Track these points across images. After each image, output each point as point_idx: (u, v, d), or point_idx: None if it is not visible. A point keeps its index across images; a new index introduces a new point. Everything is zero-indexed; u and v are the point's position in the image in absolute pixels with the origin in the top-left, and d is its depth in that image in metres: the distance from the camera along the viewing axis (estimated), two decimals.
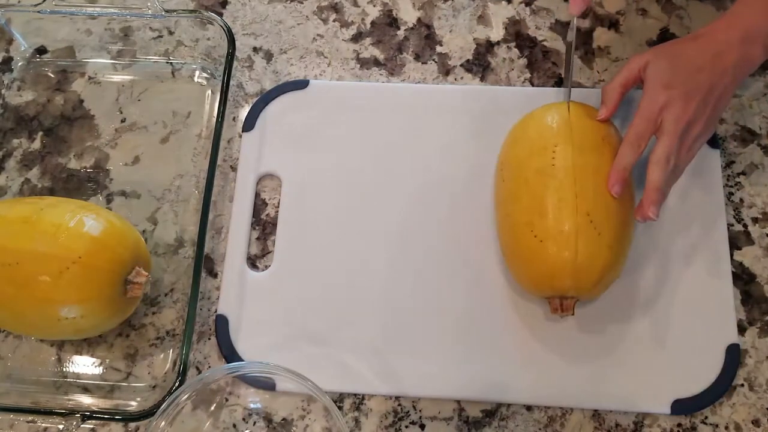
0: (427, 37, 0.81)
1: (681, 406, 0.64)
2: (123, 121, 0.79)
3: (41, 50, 0.84)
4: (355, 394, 0.66)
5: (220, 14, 0.84)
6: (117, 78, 0.82)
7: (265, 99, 0.78)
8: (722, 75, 0.60)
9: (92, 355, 0.69)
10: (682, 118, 0.59)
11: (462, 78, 0.79)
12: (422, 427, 0.65)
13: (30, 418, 0.66)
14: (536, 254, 0.61)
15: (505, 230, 0.66)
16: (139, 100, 0.80)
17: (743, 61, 0.61)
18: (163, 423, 0.61)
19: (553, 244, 0.60)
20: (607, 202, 0.61)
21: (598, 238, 0.60)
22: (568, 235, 0.59)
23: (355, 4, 0.84)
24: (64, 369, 0.69)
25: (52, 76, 0.83)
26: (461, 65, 0.80)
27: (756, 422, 0.64)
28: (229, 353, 0.68)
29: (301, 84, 0.79)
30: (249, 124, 0.77)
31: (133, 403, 0.66)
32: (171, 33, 0.84)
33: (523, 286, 0.66)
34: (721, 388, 0.64)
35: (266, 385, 0.66)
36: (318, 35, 0.82)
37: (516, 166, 0.65)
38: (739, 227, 0.71)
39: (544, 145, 0.63)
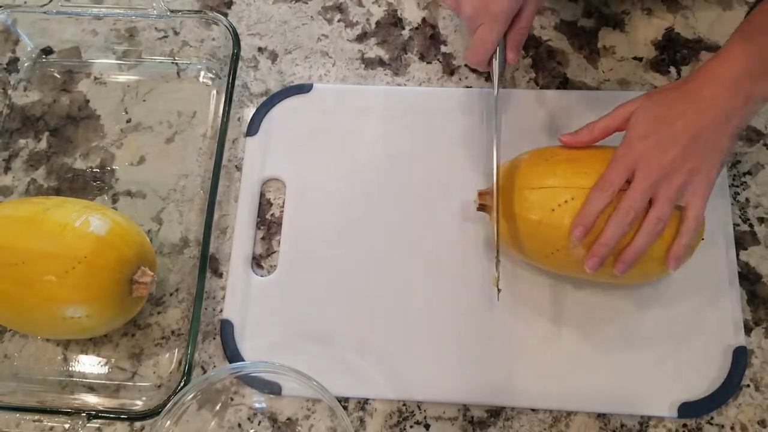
0: (431, 37, 0.81)
1: (688, 410, 0.63)
2: (128, 121, 0.80)
3: (47, 51, 0.84)
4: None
5: (225, 14, 0.84)
6: (122, 78, 0.82)
7: (268, 104, 0.78)
8: (712, 120, 0.57)
9: (98, 355, 0.69)
10: (652, 171, 0.56)
11: (467, 78, 0.79)
12: (427, 427, 0.65)
13: (36, 418, 0.66)
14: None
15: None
16: (144, 101, 0.81)
17: (737, 100, 0.57)
18: (168, 422, 0.61)
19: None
20: None
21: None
22: None
23: (360, 5, 0.84)
24: (70, 368, 0.69)
25: (58, 76, 0.83)
26: (466, 65, 0.80)
27: (762, 423, 0.64)
28: (234, 357, 0.68)
29: (305, 88, 0.79)
30: (252, 129, 0.77)
31: (139, 402, 0.66)
32: (176, 33, 0.84)
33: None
34: (728, 391, 0.64)
35: (272, 389, 0.66)
36: (323, 35, 0.83)
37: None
38: (744, 227, 0.71)
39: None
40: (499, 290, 0.64)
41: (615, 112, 0.61)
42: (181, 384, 0.63)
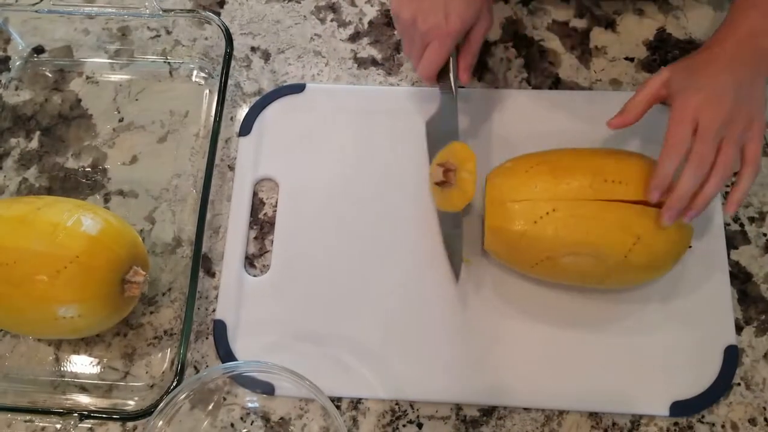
0: None
1: (679, 408, 0.64)
2: (121, 120, 0.79)
3: (39, 50, 0.84)
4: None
5: (218, 14, 0.84)
6: (115, 77, 0.82)
7: (261, 103, 0.78)
8: (744, 72, 0.61)
9: (90, 355, 0.69)
10: (716, 118, 0.58)
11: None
12: (420, 426, 0.65)
13: (27, 418, 0.66)
14: None
15: None
16: (136, 100, 0.80)
17: (758, 57, 0.61)
18: (160, 422, 0.61)
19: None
20: None
21: None
22: None
23: (353, 4, 0.84)
24: (62, 368, 0.69)
25: (50, 75, 0.83)
26: None
27: (752, 421, 0.64)
28: (227, 357, 0.68)
29: (298, 88, 0.79)
30: (246, 129, 0.77)
31: (131, 402, 0.66)
32: (169, 32, 0.84)
33: None
34: (720, 389, 0.64)
35: (265, 389, 0.66)
36: (316, 35, 0.82)
37: None
38: (735, 227, 0.71)
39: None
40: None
41: (649, 83, 0.63)
42: (174, 384, 0.63)
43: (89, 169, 0.77)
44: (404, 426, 0.65)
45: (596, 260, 0.61)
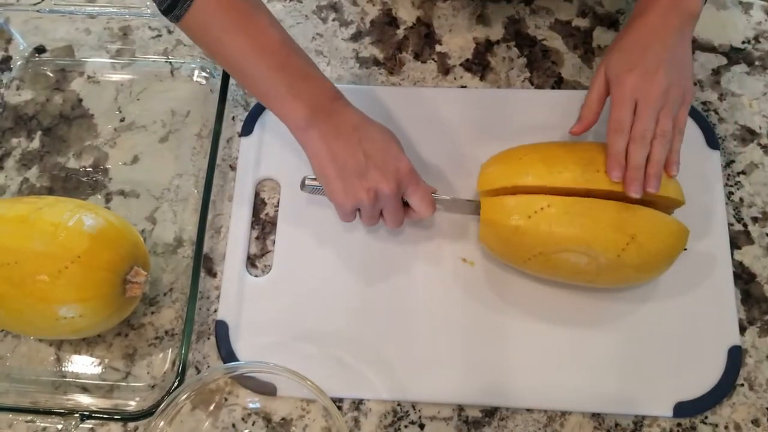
0: (426, 36, 0.81)
1: (683, 409, 0.64)
2: (122, 120, 0.79)
3: (40, 49, 0.84)
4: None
5: None
6: (116, 77, 0.82)
7: None
8: (673, 38, 0.64)
9: (91, 355, 0.69)
10: (651, 94, 0.61)
11: (461, 77, 0.79)
12: (422, 426, 0.65)
13: (29, 418, 0.66)
14: None
15: None
16: (138, 100, 0.80)
17: (682, 20, 0.64)
18: (162, 423, 0.61)
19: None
20: None
21: None
22: None
23: (355, 4, 0.84)
24: (63, 368, 0.69)
25: (51, 75, 0.82)
26: (461, 64, 0.79)
27: (756, 422, 0.64)
28: (229, 357, 0.67)
29: None
30: (247, 129, 0.77)
31: (132, 402, 0.66)
32: (170, 32, 0.83)
33: None
34: (723, 390, 0.64)
35: (267, 390, 0.66)
36: (317, 34, 0.82)
37: None
38: (739, 227, 0.71)
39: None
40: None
41: (594, 84, 0.66)
42: (175, 384, 0.63)
43: (90, 169, 0.77)
44: (406, 427, 0.65)
45: (589, 258, 0.61)
